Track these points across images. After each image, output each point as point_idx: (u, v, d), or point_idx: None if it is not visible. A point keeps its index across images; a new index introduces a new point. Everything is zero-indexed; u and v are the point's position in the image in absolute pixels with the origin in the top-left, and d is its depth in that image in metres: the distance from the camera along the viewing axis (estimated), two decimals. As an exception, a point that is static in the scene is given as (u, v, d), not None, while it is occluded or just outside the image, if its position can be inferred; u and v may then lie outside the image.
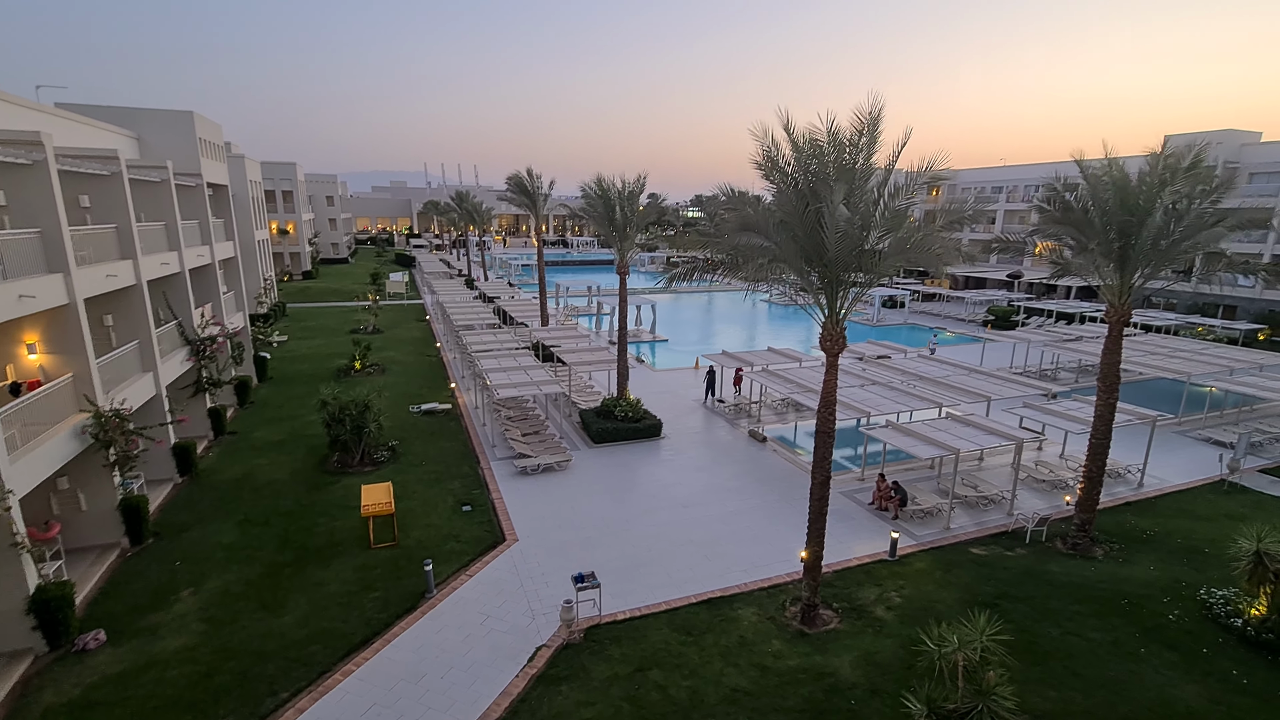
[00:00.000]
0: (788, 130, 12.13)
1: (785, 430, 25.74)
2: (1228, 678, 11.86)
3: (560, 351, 29.85)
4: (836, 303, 12.48)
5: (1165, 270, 15.97)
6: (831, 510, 15.17)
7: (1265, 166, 45.60)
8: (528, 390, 23.45)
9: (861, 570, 15.59)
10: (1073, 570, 15.45)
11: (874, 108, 11.65)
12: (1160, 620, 13.48)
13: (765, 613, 13.79)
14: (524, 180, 39.11)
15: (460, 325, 35.66)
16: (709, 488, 20.17)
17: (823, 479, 13.26)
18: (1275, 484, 20.76)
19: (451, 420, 25.94)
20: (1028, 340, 34.05)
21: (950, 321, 50.74)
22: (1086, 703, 11.21)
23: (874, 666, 12.11)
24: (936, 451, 18.71)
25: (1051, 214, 16.40)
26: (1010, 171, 65.87)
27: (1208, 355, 29.16)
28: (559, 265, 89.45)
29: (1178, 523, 17.98)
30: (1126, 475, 20.89)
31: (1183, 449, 23.46)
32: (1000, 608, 13.69)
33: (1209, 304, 46.48)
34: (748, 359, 28.59)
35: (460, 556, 15.89)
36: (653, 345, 42.35)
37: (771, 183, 13.02)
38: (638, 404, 25.16)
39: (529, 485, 20.10)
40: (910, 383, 24.71)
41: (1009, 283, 58.41)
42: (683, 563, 15.78)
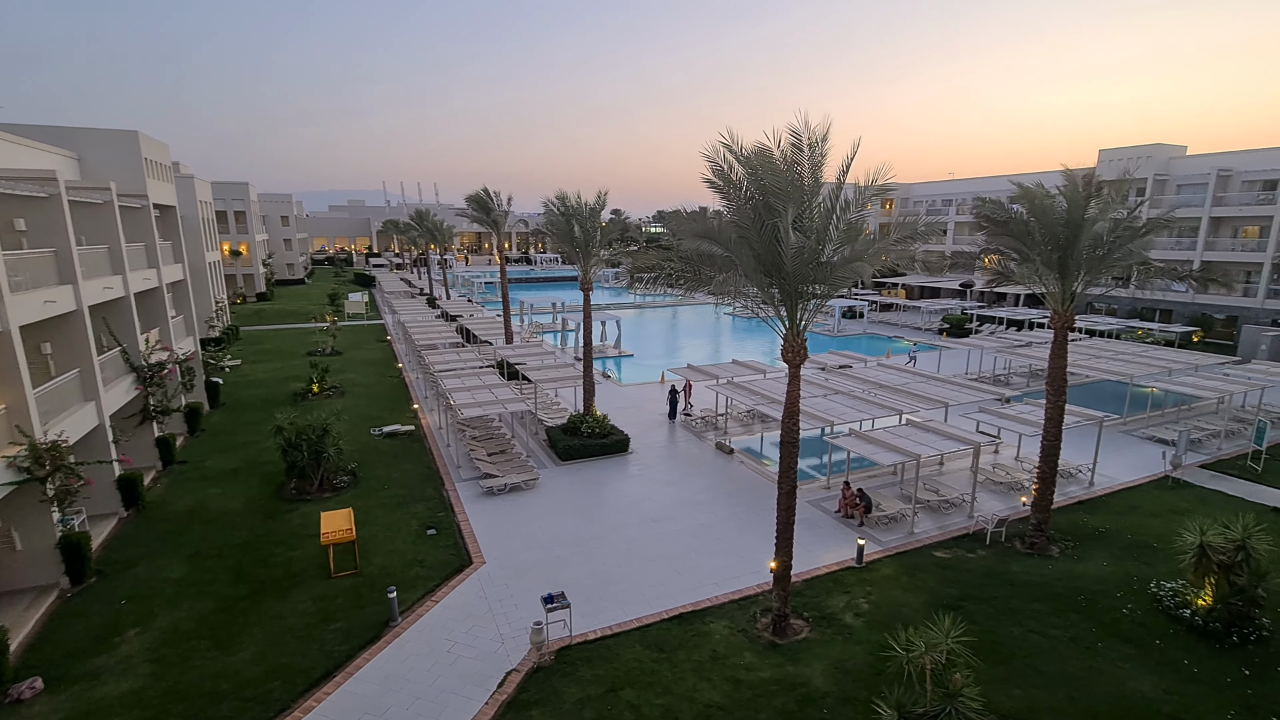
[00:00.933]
0: (734, 151, 12.37)
1: (752, 441, 25.96)
2: (1179, 667, 12.32)
3: (525, 369, 29.61)
4: (797, 314, 12.70)
5: (1103, 277, 16.78)
6: (799, 519, 15.32)
7: (1191, 178, 48.36)
8: (493, 409, 23.15)
9: (830, 578, 15.75)
10: (1031, 569, 15.89)
11: (823, 125, 11.98)
12: (1115, 615, 13.94)
13: (737, 625, 13.79)
14: (485, 198, 38.96)
15: (422, 345, 35.08)
16: (678, 501, 20.16)
17: (789, 489, 13.39)
18: (1215, 479, 21.79)
19: (414, 442, 25.40)
20: (981, 347, 35.22)
21: (907, 330, 52.12)
22: (1050, 700, 11.48)
23: (845, 674, 12.20)
24: (898, 458, 19.11)
25: (995, 227, 17.07)
26: (959, 185, 68.40)
27: (1147, 357, 30.58)
28: (523, 282, 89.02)
29: (1127, 519, 18.69)
30: (1078, 475, 21.66)
31: (1129, 448, 24.47)
32: (964, 609, 13.98)
33: (1147, 308, 48.85)
34: (712, 372, 28.82)
35: (425, 582, 15.49)
36: (618, 360, 42.35)
37: (727, 200, 13.24)
38: (604, 420, 25.07)
39: (496, 506, 19.77)
40: (871, 391, 25.24)
41: (962, 292, 60.40)
42: (653, 578, 15.69)
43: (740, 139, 12.47)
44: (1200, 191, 47.45)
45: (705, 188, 13.26)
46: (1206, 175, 46.98)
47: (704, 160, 12.75)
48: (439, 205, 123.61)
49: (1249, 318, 43.78)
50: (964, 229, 63.70)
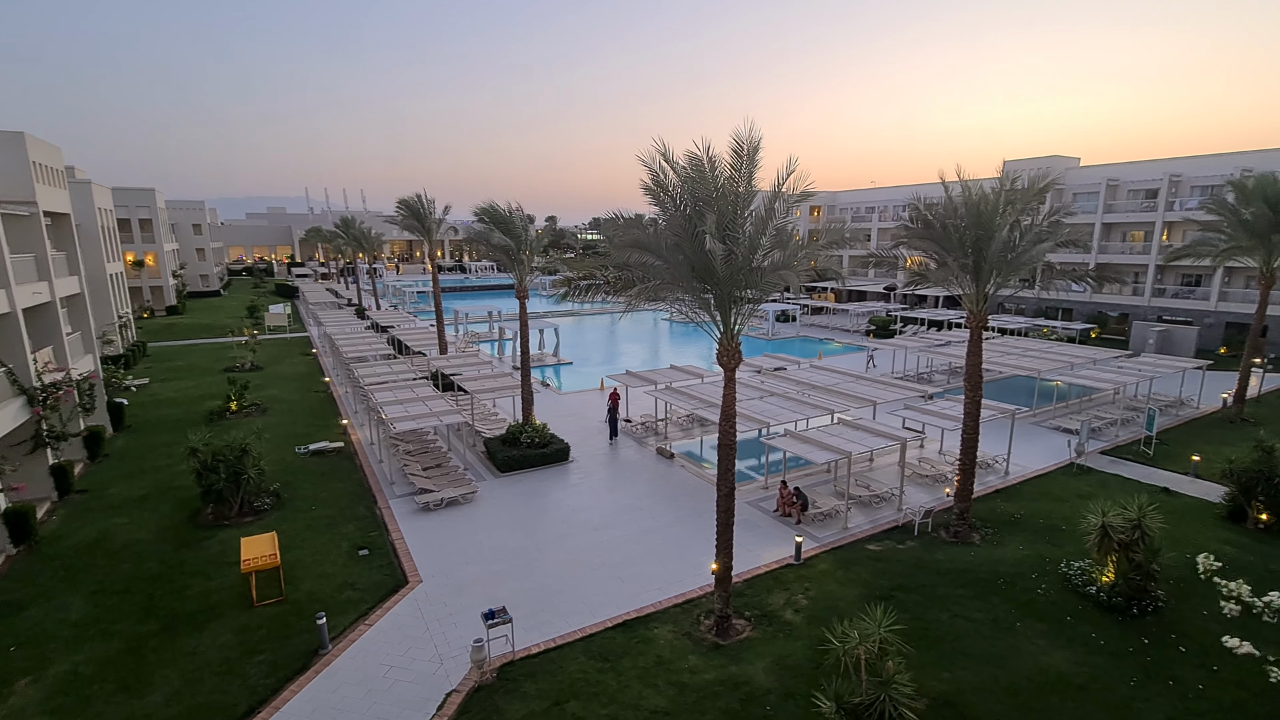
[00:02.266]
0: (669, 159, 12.55)
1: (692, 445, 26.25)
2: (1088, 641, 13.25)
3: (461, 380, 28.91)
4: (730, 319, 12.95)
5: (1012, 279, 17.94)
6: (739, 520, 15.60)
7: (1084, 188, 52.53)
8: (427, 422, 22.47)
9: (770, 576, 16.08)
10: (956, 557, 16.74)
11: (754, 135, 12.31)
12: (1031, 595, 14.86)
13: (680, 629, 13.87)
14: (417, 204, 37.85)
15: (351, 357, 33.70)
16: (620, 509, 20.13)
17: (727, 491, 13.61)
18: (1113, 463, 23.63)
19: (344, 459, 24.32)
20: (905, 347, 36.96)
21: (837, 332, 54.12)
22: (974, 680, 12.11)
23: (786, 670, 12.47)
24: (831, 456, 19.77)
25: (916, 232, 17.99)
26: (881, 193, 71.69)
27: (1053, 353, 32.89)
28: (457, 291, 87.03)
29: (1039, 505, 19.99)
30: (995, 465, 23.02)
31: (1038, 438, 26.22)
32: (896, 599, 14.58)
33: (1051, 308, 52.60)
34: (651, 378, 29.00)
35: (358, 605, 14.82)
36: (557, 368, 42.01)
37: (661, 208, 13.40)
38: (544, 429, 24.78)
39: (432, 522, 19.17)
40: (805, 392, 26.03)
41: (886, 295, 63.27)
42: (597, 587, 15.59)
43: (671, 148, 12.66)
44: (1093, 200, 51.58)
45: (641, 194, 13.37)
46: (1098, 185, 51.16)
47: (639, 167, 12.87)
48: (367, 212, 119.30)
49: (1138, 315, 47.84)
50: (886, 234, 66.81)
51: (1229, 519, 18.64)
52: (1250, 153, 43.74)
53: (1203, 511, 19.22)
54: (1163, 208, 47.27)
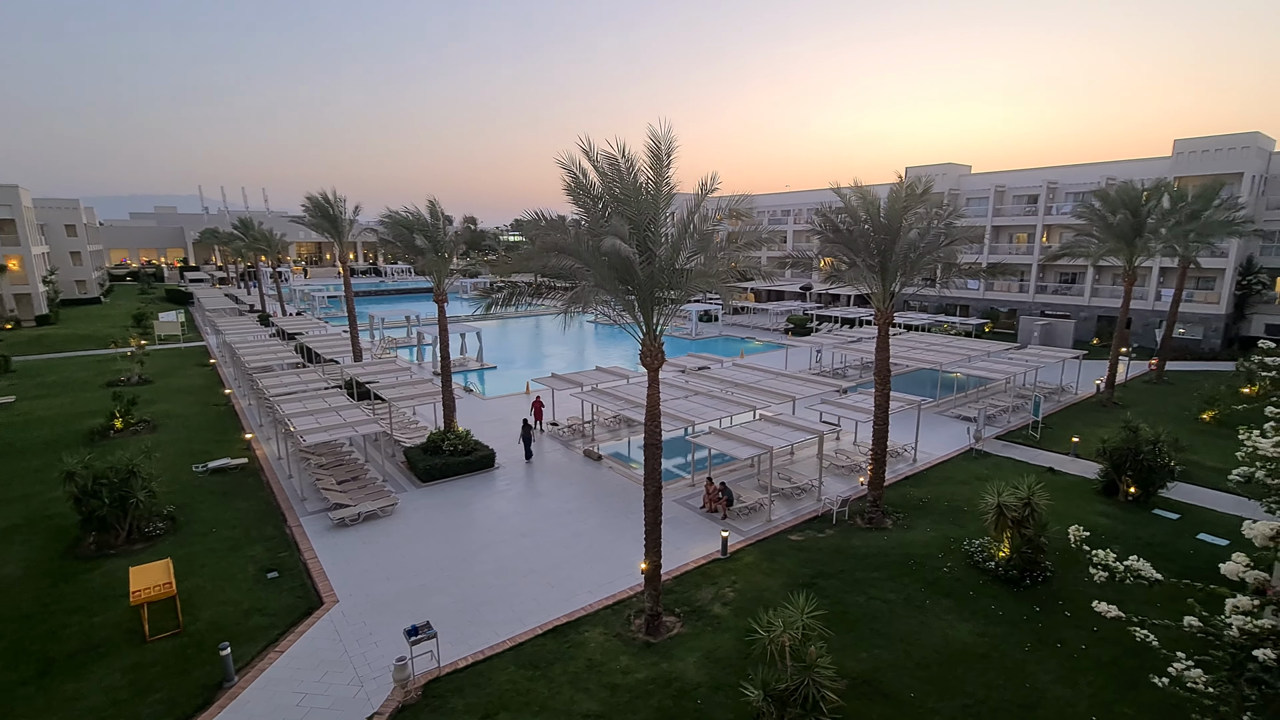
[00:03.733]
0: (591, 159, 12.56)
1: (619, 446, 26.32)
2: (988, 613, 14.30)
3: (378, 387, 27.70)
4: (652, 320, 13.09)
5: (915, 278, 19.11)
6: (667, 518, 15.78)
7: (976, 193, 56.76)
8: (341, 433, 21.38)
9: (699, 572, 16.37)
10: (871, 542, 17.64)
11: (668, 136, 12.49)
12: (938, 574, 15.87)
13: (612, 630, 13.87)
14: (325, 203, 35.88)
15: (255, 367, 31.55)
16: (548, 513, 19.90)
17: (654, 490, 13.74)
18: (1006, 447, 25.63)
19: (249, 476, 22.73)
20: (821, 344, 38.59)
21: (758, 331, 55.81)
22: (890, 657, 12.80)
23: (715, 663, 12.72)
24: (754, 451, 20.36)
25: (827, 234, 18.83)
26: (796, 197, 74.55)
27: (952, 347, 35.28)
28: (372, 295, 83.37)
29: (944, 489, 21.39)
30: (904, 454, 24.44)
31: (941, 426, 28.05)
32: (817, 586, 15.20)
33: (950, 304, 56.46)
34: (577, 380, 28.86)
35: (267, 632, 13.89)
36: (480, 373, 41.05)
37: (582, 208, 13.38)
38: (467, 435, 24.14)
39: (349, 538, 18.25)
40: (729, 390, 26.67)
41: (802, 294, 65.86)
42: (526, 594, 15.34)
43: (595, 148, 12.66)
44: (984, 204, 55.79)
45: (563, 195, 13.29)
46: (987, 191, 55.39)
47: (560, 169, 12.81)
48: (269, 212, 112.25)
49: (1024, 310, 52.15)
50: (801, 236, 69.52)
51: (1104, 493, 20.63)
52: (1115, 163, 48.64)
53: (1082, 487, 21.17)
54: (1042, 212, 51.80)
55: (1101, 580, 6.65)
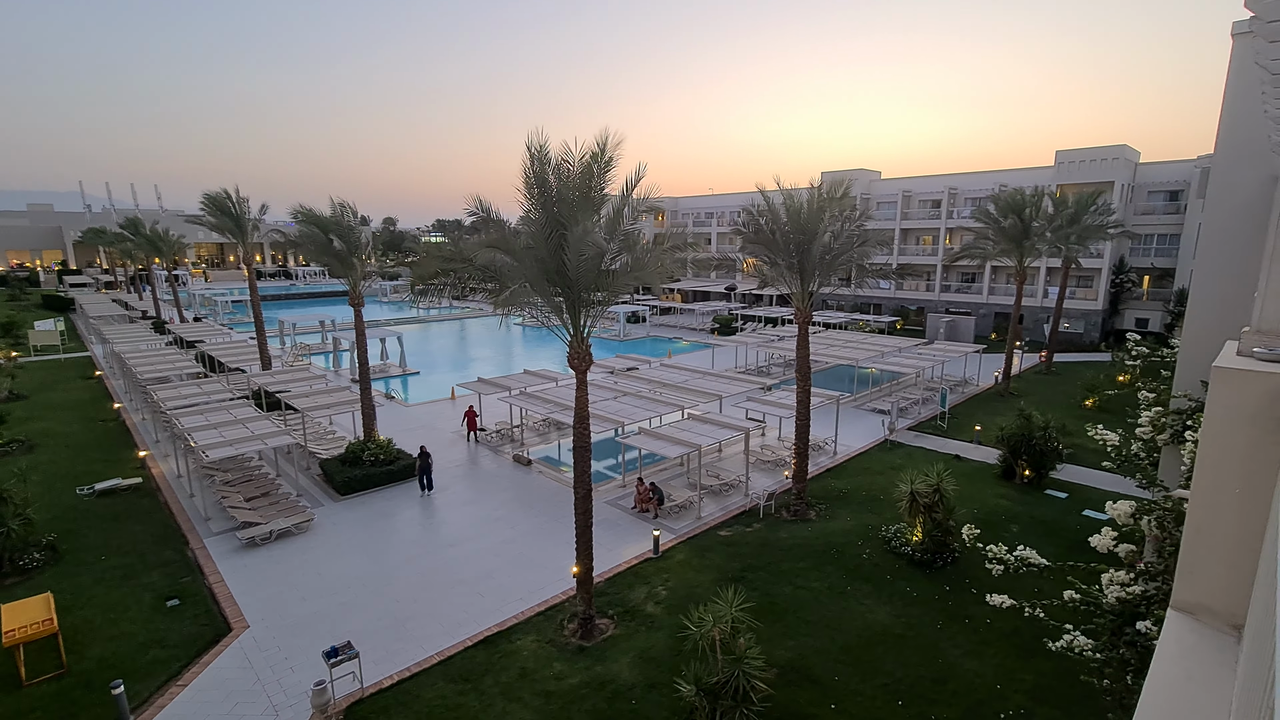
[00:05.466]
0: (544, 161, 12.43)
1: (549, 450, 26.05)
2: (904, 595, 15.13)
3: (290, 397, 26.16)
4: (580, 321, 13.05)
5: (832, 278, 19.98)
6: (598, 520, 15.76)
7: (885, 198, 60.01)
8: (249, 447, 20.06)
9: (631, 572, 16.44)
10: (796, 533, 18.29)
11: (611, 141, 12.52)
12: (858, 561, 16.65)
13: (545, 636, 13.71)
14: (226, 201, 33.51)
15: (149, 378, 29.09)
16: (477, 521, 19.44)
17: (585, 493, 13.69)
18: (918, 437, 27.21)
19: (144, 497, 20.93)
20: (745, 343, 39.65)
21: (684, 331, 56.68)
22: (815, 644, 13.32)
23: (649, 662, 12.82)
24: (683, 450, 20.66)
25: (748, 237, 19.38)
26: (719, 199, 76.26)
27: (868, 344, 37.12)
28: (282, 299, 78.81)
29: (862, 479, 22.46)
30: (825, 447, 25.48)
31: (859, 420, 29.45)
32: (746, 579, 15.60)
33: (864, 303, 59.39)
34: (504, 384, 28.35)
35: (168, 664, 12.84)
36: (403, 379, 39.56)
37: (531, 205, 13.15)
38: (389, 444, 23.20)
39: (260, 558, 17.14)
40: (657, 390, 26.94)
41: (727, 294, 67.44)
42: (455, 606, 14.92)
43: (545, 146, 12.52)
44: (893, 208, 59.03)
45: (490, 196, 13.03)
46: (896, 195, 58.66)
47: (494, 170, 12.64)
48: (163, 211, 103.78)
49: (931, 308, 55.57)
50: (725, 238, 71.18)
51: (1003, 477, 22.28)
52: (1008, 171, 52.65)
53: (985, 472, 22.78)
54: (945, 216, 55.38)
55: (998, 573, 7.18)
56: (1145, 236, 48.16)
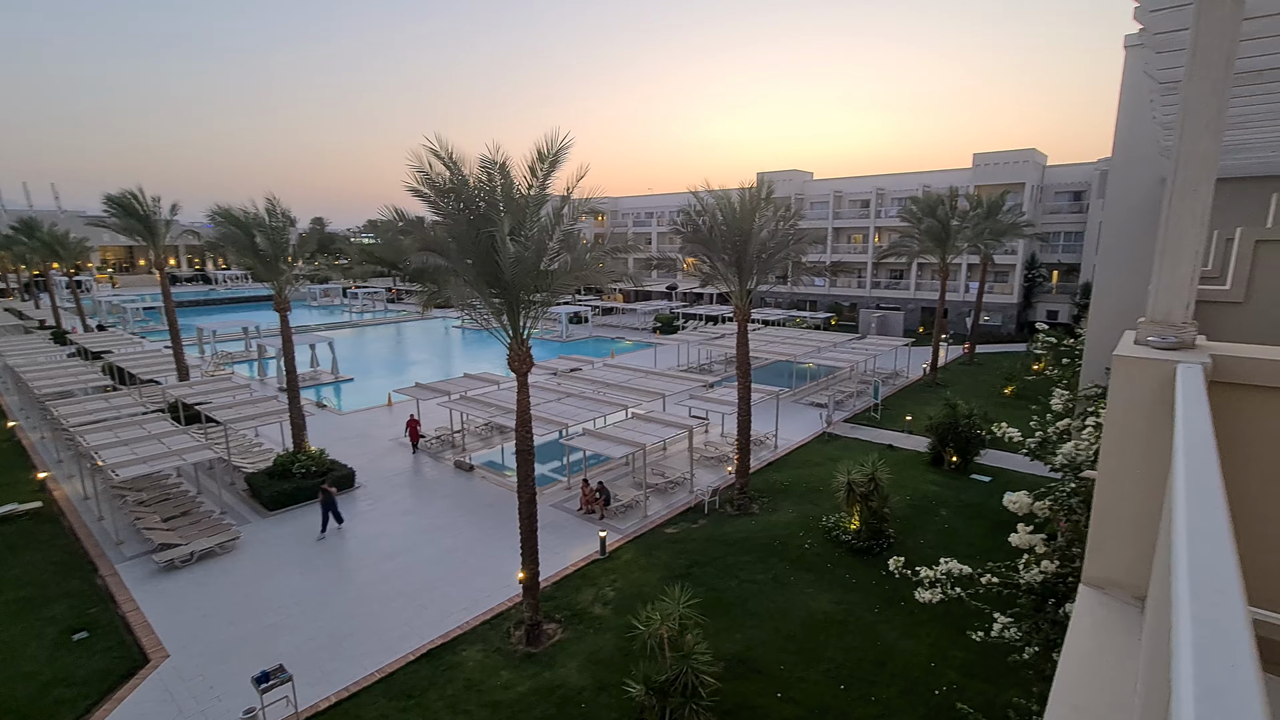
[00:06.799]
0: (448, 159, 12.09)
1: (492, 455, 25.57)
2: (844, 582, 15.64)
3: (211, 409, 24.66)
4: (520, 323, 12.85)
5: (769, 276, 20.44)
6: (544, 524, 15.58)
7: (818, 198, 61.95)
8: (165, 463, 18.79)
9: (578, 574, 16.32)
10: (740, 527, 18.61)
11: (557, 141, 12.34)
12: (801, 551, 17.09)
13: (491, 646, 13.44)
14: (133, 200, 31.19)
15: (49, 393, 26.80)
16: (417, 531, 18.86)
17: (529, 497, 13.50)
18: (854, 429, 28.20)
19: (45, 523, 19.27)
20: (687, 341, 40.09)
21: (627, 331, 56.80)
22: (761, 635, 13.59)
23: (598, 664, 12.76)
24: (628, 449, 20.68)
25: (688, 236, 19.58)
26: (659, 199, 76.80)
27: (805, 340, 38.20)
28: (200, 305, 74.34)
29: (802, 471, 23.09)
30: (766, 441, 26.05)
31: (798, 414, 30.25)
32: (693, 575, 15.76)
33: (800, 300, 61.13)
34: (444, 388, 27.64)
35: (74, 704, 11.85)
36: (336, 386, 37.97)
37: (443, 209, 12.83)
38: (322, 455, 22.21)
39: (181, 582, 16.08)
40: (601, 390, 26.86)
41: (668, 294, 68.02)
42: (395, 620, 14.41)
43: (451, 149, 12.20)
44: (825, 208, 60.98)
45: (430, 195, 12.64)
46: (828, 196, 60.62)
47: (415, 170, 12.20)
48: (61, 212, 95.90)
49: (863, 303, 57.74)
50: (665, 238, 71.74)
51: (933, 463, 23.37)
52: (931, 172, 55.27)
53: (915, 460, 23.83)
54: (873, 216, 57.66)
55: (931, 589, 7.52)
56: (1053, 234, 51.55)
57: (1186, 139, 2.72)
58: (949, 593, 7.23)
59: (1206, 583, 0.97)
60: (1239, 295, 6.82)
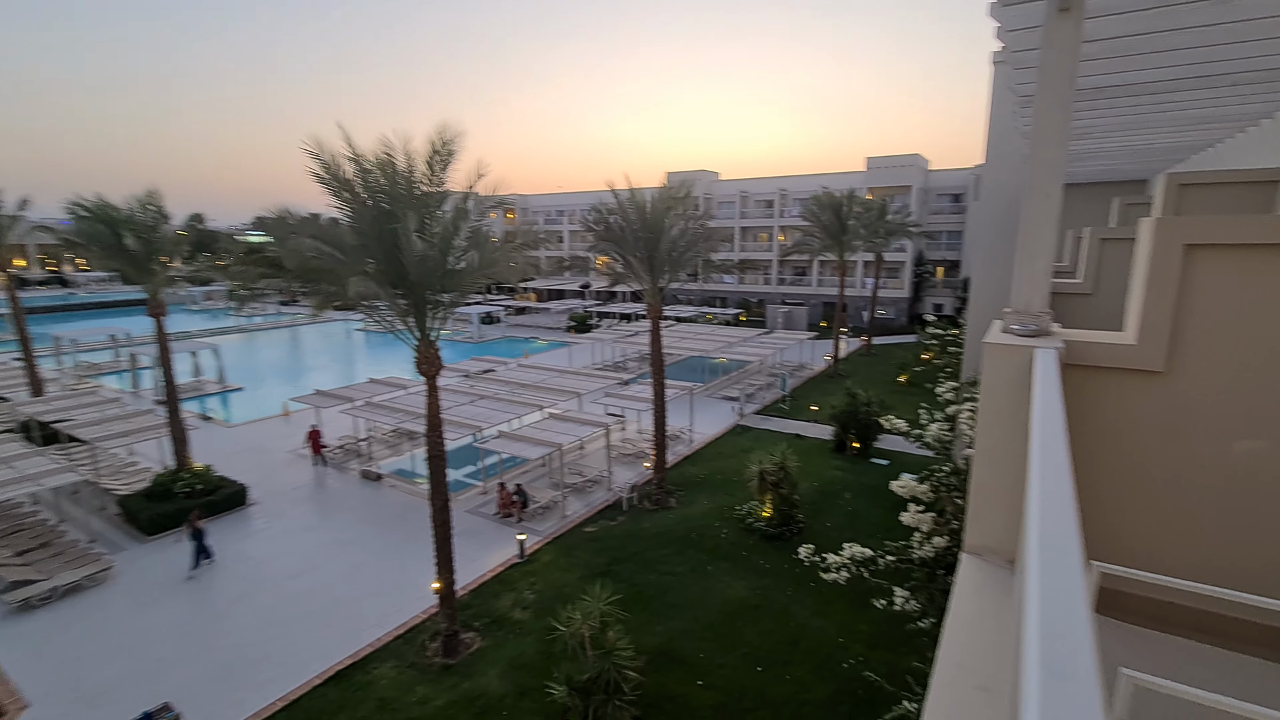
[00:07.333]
0: (348, 146, 11.47)
1: (402, 462, 24.52)
2: (757, 568, 16.24)
3: (73, 427, 22.11)
4: (427, 323, 12.40)
5: (680, 273, 20.84)
6: (459, 530, 15.12)
7: (725, 198, 63.82)
8: (16, 490, 16.68)
9: (496, 580, 15.99)
10: (658, 522, 18.88)
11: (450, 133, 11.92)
12: (718, 541, 17.58)
13: (405, 661, 12.91)
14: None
15: None
16: (322, 547, 17.79)
17: (442, 503, 13.08)
18: (764, 420, 29.31)
19: None
20: (602, 339, 40.15)
21: (541, 330, 56.12)
22: (681, 625, 13.87)
23: (520, 669, 12.56)
24: (545, 450, 20.46)
25: (599, 234, 19.61)
26: (570, 197, 76.31)
27: (716, 335, 39.22)
28: (58, 311, 66.28)
29: (717, 463, 23.74)
30: (682, 436, 26.56)
31: (712, 408, 31.06)
32: (613, 572, 15.84)
33: (711, 297, 62.76)
34: (347, 395, 26.21)
35: (-90, 771, 10.32)
36: (223, 396, 35.09)
37: (343, 203, 12.15)
38: (208, 472, 20.48)
39: (42, 622, 14.34)
40: (515, 391, 26.39)
41: (582, 292, 67.82)
42: (299, 643, 13.54)
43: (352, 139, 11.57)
44: (732, 208, 62.90)
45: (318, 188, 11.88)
46: (734, 196, 62.55)
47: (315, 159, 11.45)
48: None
49: (769, 299, 60.06)
50: (577, 236, 71.47)
51: (836, 450, 24.70)
52: (829, 174, 58.17)
53: (821, 448, 25.09)
54: (777, 215, 60.09)
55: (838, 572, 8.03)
56: (938, 233, 55.78)
57: (1038, 147, 3.04)
58: (853, 571, 7.70)
59: (1051, 539, 1.10)
60: (1089, 287, 7.68)
